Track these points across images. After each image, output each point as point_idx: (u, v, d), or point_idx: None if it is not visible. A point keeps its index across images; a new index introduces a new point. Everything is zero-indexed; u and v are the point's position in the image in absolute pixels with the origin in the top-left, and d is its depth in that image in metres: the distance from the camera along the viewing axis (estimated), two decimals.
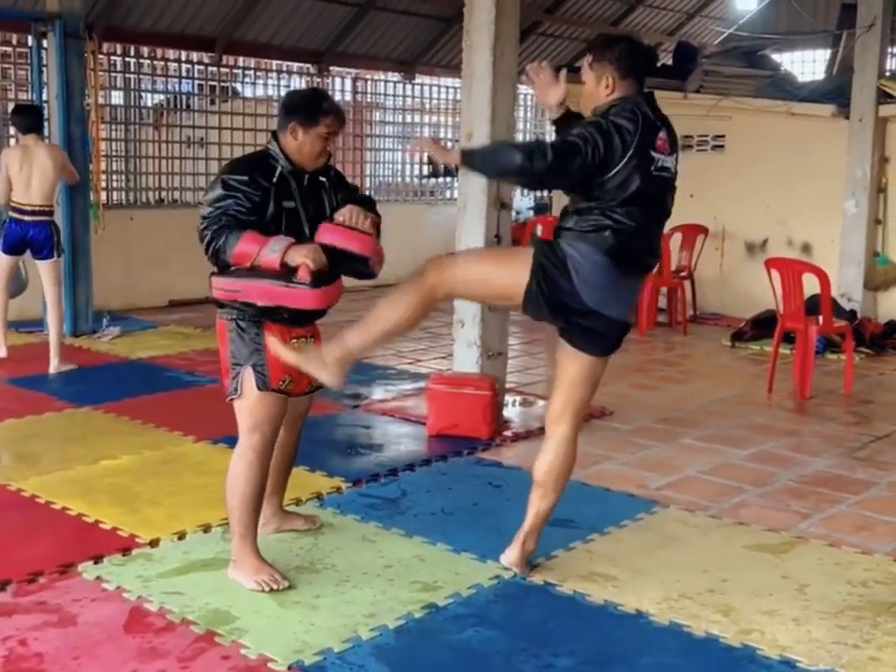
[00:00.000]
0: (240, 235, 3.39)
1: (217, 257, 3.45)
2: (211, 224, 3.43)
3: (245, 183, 3.47)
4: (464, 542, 4.05)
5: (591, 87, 3.55)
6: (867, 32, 8.95)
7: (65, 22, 8.00)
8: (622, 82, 3.49)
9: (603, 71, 3.51)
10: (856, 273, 9.10)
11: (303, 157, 3.61)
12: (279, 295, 3.45)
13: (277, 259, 3.38)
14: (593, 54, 3.56)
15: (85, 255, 8.35)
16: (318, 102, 3.62)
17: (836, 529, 4.36)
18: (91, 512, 4.30)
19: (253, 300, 3.49)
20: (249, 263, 3.40)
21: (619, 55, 3.50)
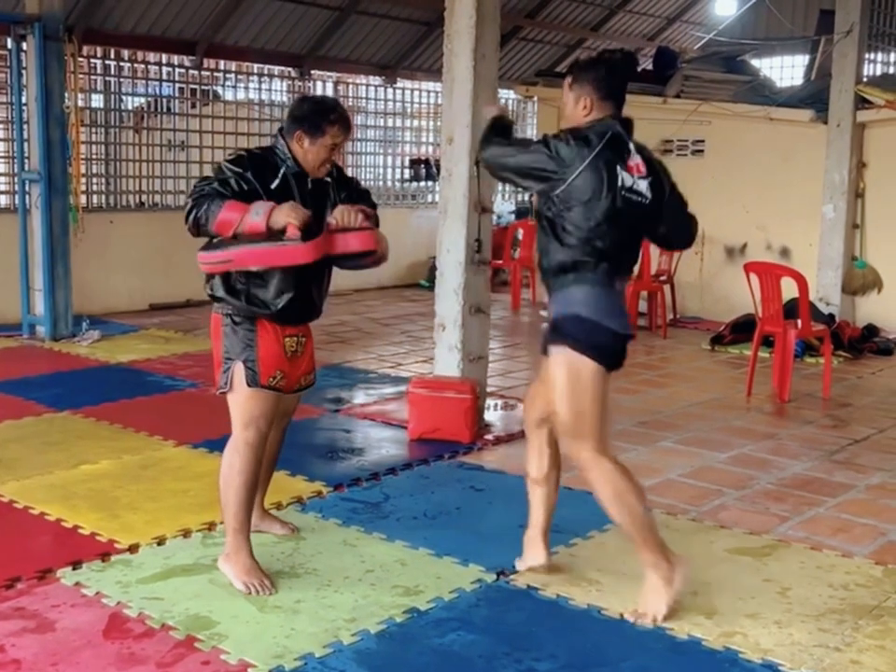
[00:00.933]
0: (222, 203, 3.40)
1: (198, 226, 3.45)
2: (194, 195, 3.45)
3: (238, 174, 3.49)
4: (446, 546, 4.05)
5: (570, 107, 3.58)
6: (845, 38, 9.02)
7: (45, 25, 7.95)
8: (600, 103, 3.51)
9: (581, 92, 3.53)
10: (834, 278, 9.17)
11: (308, 164, 3.62)
12: (273, 255, 3.43)
13: (262, 221, 3.37)
14: (573, 75, 3.58)
15: (64, 258, 8.29)
16: (327, 113, 3.62)
17: (816, 532, 4.39)
18: (69, 518, 4.27)
19: (248, 266, 3.47)
20: (232, 231, 3.40)
21: (598, 77, 3.52)
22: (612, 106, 3.54)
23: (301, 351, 3.75)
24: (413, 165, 13.38)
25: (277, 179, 3.55)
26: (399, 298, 11.44)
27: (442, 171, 5.87)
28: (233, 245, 3.45)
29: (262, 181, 3.52)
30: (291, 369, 3.71)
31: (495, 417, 6.16)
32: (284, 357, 3.66)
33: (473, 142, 5.62)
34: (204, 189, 3.45)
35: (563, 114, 3.63)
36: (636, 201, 3.48)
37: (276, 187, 3.54)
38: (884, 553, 4.17)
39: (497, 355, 7.89)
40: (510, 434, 5.74)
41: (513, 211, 14.26)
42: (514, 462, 5.16)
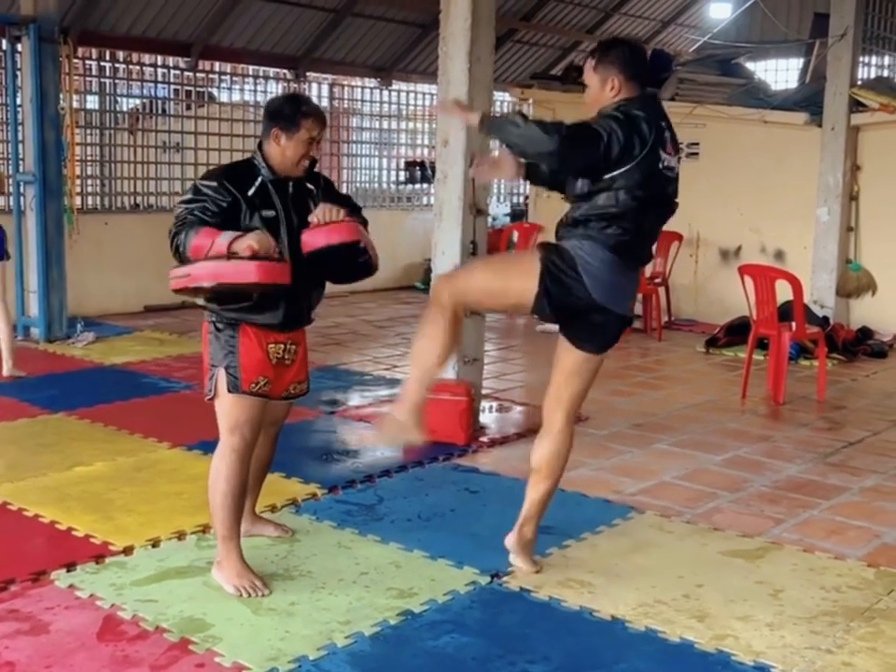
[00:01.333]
0: (198, 231, 3.42)
1: (178, 253, 3.48)
2: (176, 224, 3.48)
3: (214, 189, 3.50)
4: (440, 549, 4.05)
5: (595, 90, 3.59)
6: (839, 41, 9.04)
7: (40, 26, 7.94)
8: (627, 84, 3.54)
9: (608, 73, 3.55)
10: (828, 280, 9.19)
11: (286, 162, 3.61)
12: (224, 272, 3.41)
13: (225, 244, 3.38)
14: (597, 57, 3.59)
15: (59, 260, 8.29)
16: (298, 105, 3.63)
17: (809, 534, 4.40)
18: (64, 520, 4.27)
19: (201, 282, 3.45)
20: (204, 255, 3.42)
21: (624, 57, 3.55)
22: (638, 86, 3.57)
23: (289, 359, 3.73)
24: (409, 167, 13.39)
25: (254, 187, 3.56)
26: (395, 300, 11.44)
27: (438, 173, 5.87)
28: (193, 262, 3.45)
29: (240, 188, 3.53)
30: (277, 375, 3.69)
31: (489, 419, 6.17)
32: (267, 364, 3.64)
33: (468, 144, 5.64)
34: (185, 218, 3.46)
35: (589, 97, 3.63)
36: (669, 176, 3.56)
37: (253, 193, 3.55)
38: (877, 555, 4.18)
39: (493, 357, 7.90)
40: (504, 436, 5.75)
41: (508, 213, 14.28)
42: (509, 464, 5.18)
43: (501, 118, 3.56)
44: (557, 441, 3.78)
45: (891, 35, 10.21)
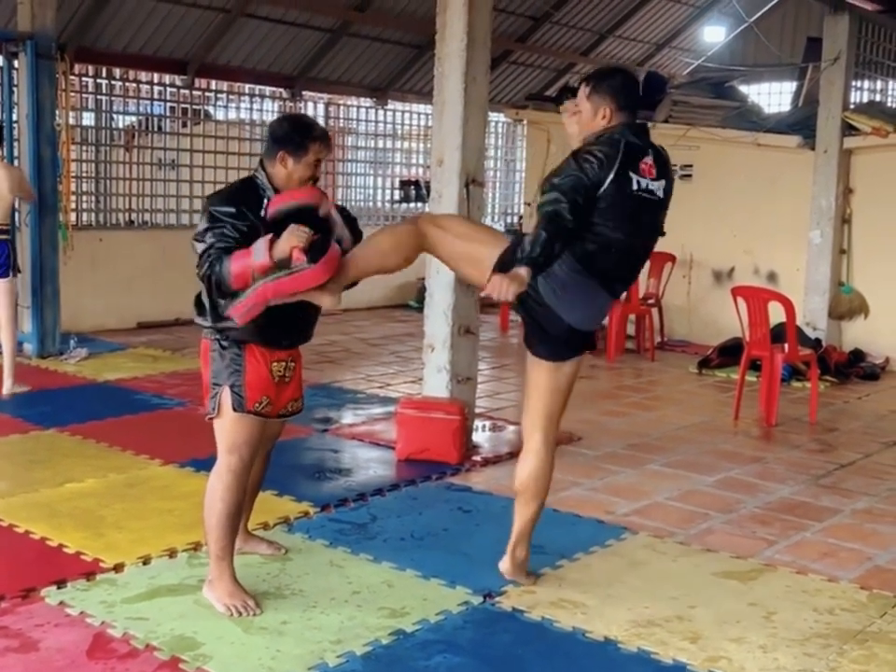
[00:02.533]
0: (229, 261, 3.38)
1: (221, 289, 3.43)
2: (205, 263, 3.42)
3: (232, 215, 3.45)
4: (433, 568, 4.04)
5: (587, 117, 3.65)
6: (832, 65, 9.11)
7: (37, 43, 7.96)
8: (618, 113, 3.61)
9: (601, 103, 3.61)
10: (821, 302, 9.22)
11: (293, 184, 3.59)
12: (288, 285, 3.40)
13: (266, 258, 3.35)
14: (591, 86, 3.65)
15: (53, 276, 8.28)
16: (308, 130, 3.63)
17: (802, 556, 4.40)
18: (54, 536, 4.25)
19: (268, 302, 3.43)
20: (251, 279, 3.38)
21: (617, 88, 3.62)
22: (628, 115, 3.64)
23: (289, 376, 3.74)
24: (404, 186, 13.43)
25: (264, 207, 3.54)
26: (388, 318, 11.45)
27: (432, 192, 5.89)
28: (251, 288, 3.40)
29: (255, 212, 3.50)
30: (278, 394, 3.70)
31: (483, 438, 6.16)
32: (271, 383, 3.64)
33: (463, 164, 5.66)
34: (210, 254, 3.40)
35: (581, 123, 3.68)
36: (647, 198, 3.58)
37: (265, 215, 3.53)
38: (869, 577, 4.18)
39: (486, 376, 7.90)
40: (497, 455, 5.75)
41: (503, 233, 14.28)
42: (502, 484, 5.16)
43: (531, 252, 3.40)
44: (537, 461, 3.80)
45: (884, 59, 10.27)
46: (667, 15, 14.10)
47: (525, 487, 3.82)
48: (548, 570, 4.08)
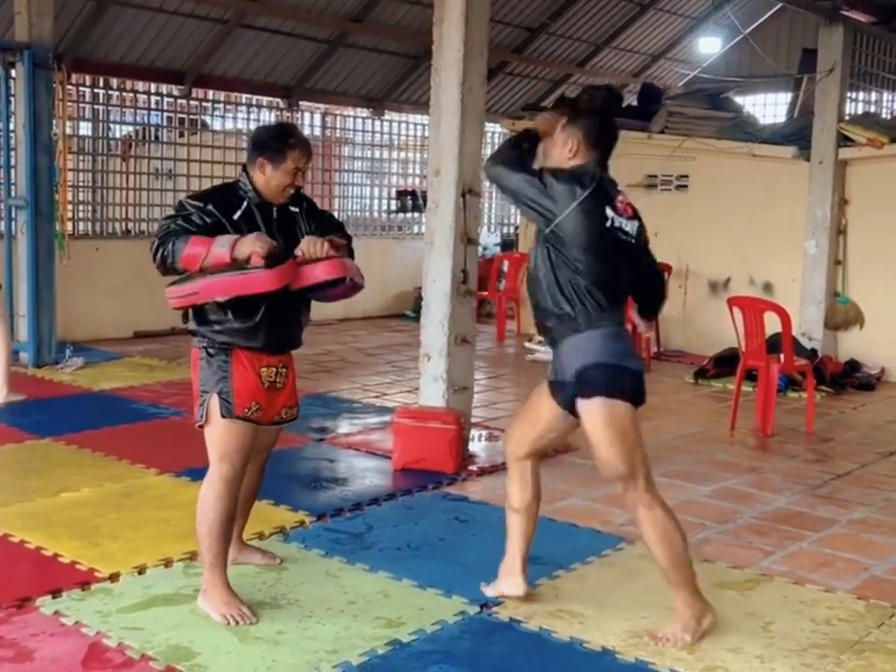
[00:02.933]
0: (187, 239, 3.44)
1: (165, 264, 3.49)
2: (159, 234, 3.50)
3: (199, 208, 3.53)
4: (429, 578, 4.03)
5: (557, 143, 3.62)
6: (827, 76, 9.14)
7: (34, 53, 7.98)
8: (587, 151, 3.57)
9: (572, 135, 3.58)
10: (816, 313, 9.23)
11: (271, 190, 3.63)
12: (237, 284, 3.43)
13: (227, 252, 3.40)
14: (568, 117, 3.61)
15: (49, 285, 8.28)
16: (285, 137, 3.65)
17: (799, 566, 4.40)
18: (50, 546, 4.23)
19: (214, 296, 3.47)
20: (199, 265, 3.43)
21: (592, 126, 3.58)
22: (598, 154, 3.59)
23: (281, 382, 3.74)
24: (400, 196, 13.45)
25: (240, 210, 3.58)
26: (385, 328, 11.45)
27: (429, 202, 5.90)
28: (199, 278, 3.46)
29: (225, 212, 3.55)
30: (268, 400, 3.69)
31: (479, 448, 6.16)
32: (260, 388, 3.64)
33: (460, 174, 5.67)
34: (169, 227, 3.48)
35: (546, 149, 3.65)
36: (623, 239, 3.54)
37: (239, 217, 3.57)
38: (866, 588, 4.18)
39: (482, 386, 7.89)
40: (494, 465, 5.74)
41: (499, 243, 14.33)
42: (498, 493, 5.14)
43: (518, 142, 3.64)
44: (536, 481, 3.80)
45: (878, 71, 10.32)
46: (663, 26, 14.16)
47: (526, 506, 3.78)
48: (545, 580, 4.07)
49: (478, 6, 5.67)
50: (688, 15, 13.99)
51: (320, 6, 10.74)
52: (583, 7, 12.77)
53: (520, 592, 3.80)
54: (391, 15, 11.41)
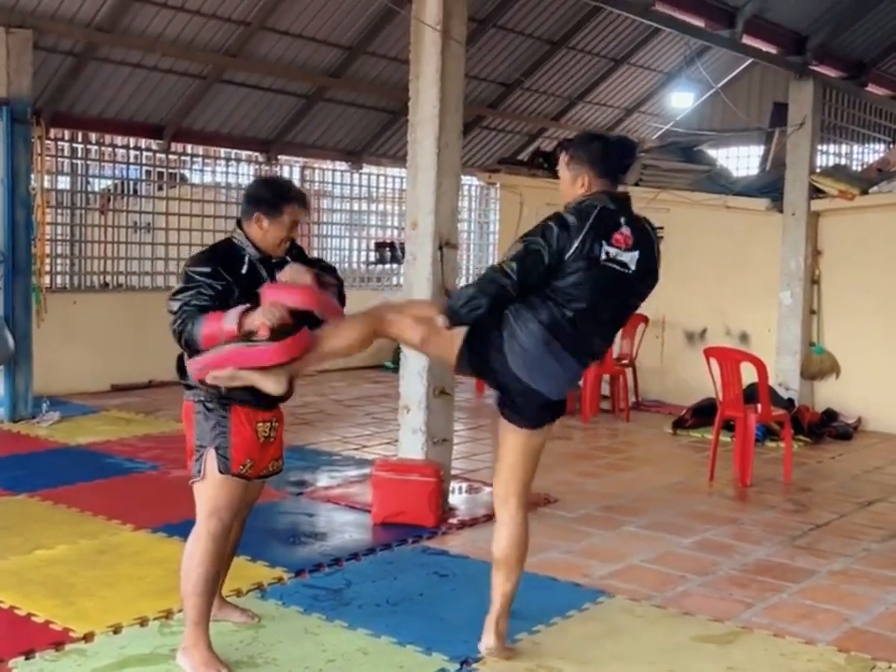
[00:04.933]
0: (202, 320, 3.41)
1: (190, 347, 3.46)
2: (178, 319, 3.45)
3: (208, 275, 3.49)
4: (409, 634, 3.99)
5: (566, 184, 3.67)
6: (798, 130, 9.32)
7: (13, 108, 8.01)
8: (597, 181, 3.62)
9: (580, 171, 3.63)
10: (793, 363, 9.30)
11: (268, 244, 3.65)
12: (244, 356, 3.41)
13: (234, 325, 3.38)
14: (570, 154, 3.66)
15: (26, 338, 8.23)
16: (282, 192, 3.68)
17: (779, 618, 4.38)
18: (23, 605, 4.17)
19: (223, 370, 3.43)
20: (219, 342, 3.40)
21: (595, 155, 3.62)
22: (608, 183, 3.64)
23: (273, 436, 3.74)
24: (379, 248, 13.51)
25: (245, 265, 3.59)
26: (364, 379, 11.43)
27: (407, 254, 5.94)
28: (209, 351, 3.43)
29: (231, 271, 3.54)
30: (262, 455, 3.69)
31: (459, 501, 6.13)
32: (256, 444, 3.64)
33: (437, 227, 5.72)
34: (184, 311, 3.44)
35: (560, 187, 3.72)
36: (619, 270, 3.56)
37: (245, 272, 3.58)
38: (847, 639, 4.17)
39: (462, 437, 7.88)
40: (474, 518, 5.72)
41: None
42: (479, 547, 5.13)
43: (458, 304, 3.51)
44: (516, 527, 3.76)
45: (847, 124, 10.53)
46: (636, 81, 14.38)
47: (506, 558, 3.75)
48: (524, 636, 4.04)
49: (453, 63, 5.76)
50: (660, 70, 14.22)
51: (298, 61, 10.85)
52: (557, 62, 12.96)
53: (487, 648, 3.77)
54: (368, 71, 11.54)
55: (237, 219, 3.74)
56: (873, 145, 11.74)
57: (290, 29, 10.33)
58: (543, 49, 12.57)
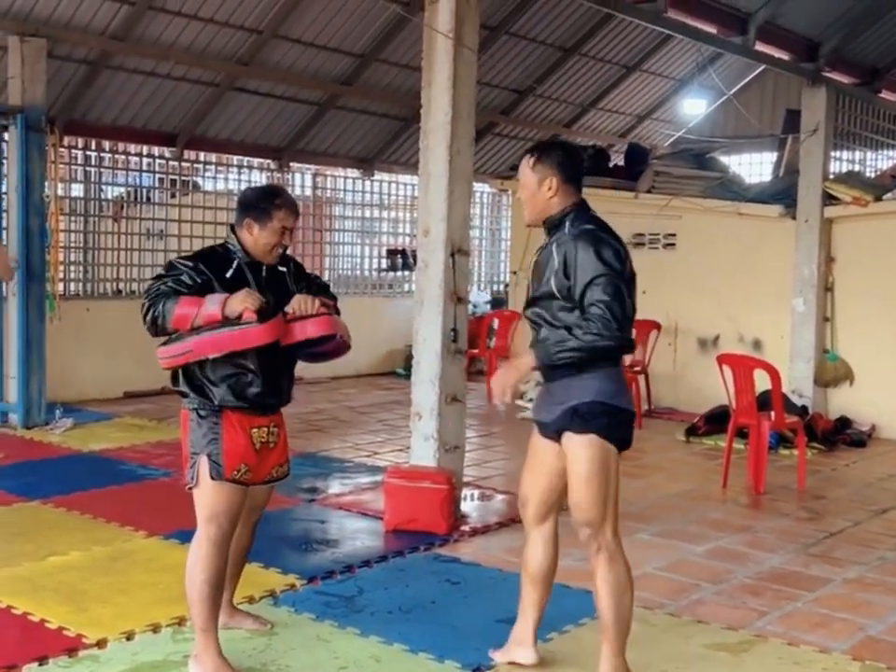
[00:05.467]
0: (177, 300, 3.46)
1: (156, 325, 3.51)
2: (149, 295, 3.52)
3: (190, 267, 3.56)
4: (421, 642, 3.98)
5: (531, 188, 3.59)
6: (811, 136, 9.29)
7: (27, 116, 8.06)
8: (564, 185, 3.56)
9: (546, 174, 3.56)
10: (806, 370, 9.27)
11: (259, 250, 3.67)
12: (230, 339, 3.45)
13: (217, 310, 3.43)
14: (535, 157, 3.61)
15: (39, 346, 8.27)
16: (271, 198, 3.69)
17: (794, 627, 4.36)
18: (37, 611, 4.18)
19: (207, 353, 3.48)
20: (190, 325, 3.45)
21: (561, 160, 3.58)
22: (575, 190, 3.59)
23: (273, 441, 3.74)
24: (391, 255, 13.54)
25: (231, 269, 3.62)
26: (376, 386, 11.44)
27: (419, 262, 5.94)
28: (191, 336, 3.48)
29: (216, 272, 3.58)
30: (260, 461, 3.68)
31: (471, 508, 6.12)
32: (251, 450, 3.64)
33: (449, 234, 5.72)
34: (160, 289, 3.51)
35: (523, 193, 3.63)
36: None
37: (231, 276, 3.61)
38: (862, 648, 4.14)
39: (474, 444, 7.87)
40: (486, 525, 5.71)
41: (489, 301, 14.39)
42: (490, 554, 5.13)
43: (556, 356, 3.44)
44: (554, 544, 3.76)
45: (861, 131, 10.49)
46: (648, 88, 14.37)
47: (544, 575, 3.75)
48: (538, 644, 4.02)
49: (465, 70, 5.76)
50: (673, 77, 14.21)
51: (311, 69, 10.89)
52: (570, 69, 12.97)
53: (532, 661, 3.76)
54: (380, 78, 11.57)
55: (231, 225, 3.76)
56: (886, 151, 11.72)
57: (303, 37, 10.37)
58: (556, 55, 12.58)
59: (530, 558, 3.76)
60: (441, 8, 5.70)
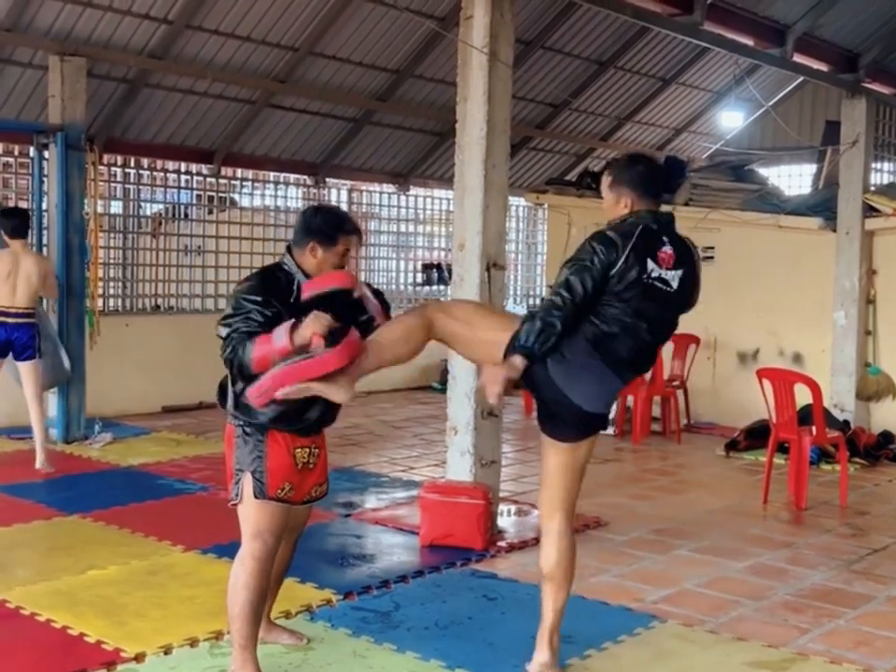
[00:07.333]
0: (252, 343, 3.40)
1: (242, 373, 3.46)
2: (228, 346, 3.45)
3: (258, 302, 3.48)
4: (458, 658, 3.95)
5: (610, 204, 3.73)
6: (851, 148, 9.19)
7: (67, 134, 8.18)
8: (640, 201, 3.66)
9: (622, 193, 3.68)
10: (848, 384, 9.14)
11: (321, 272, 3.63)
12: (304, 369, 3.38)
13: (287, 343, 3.37)
14: (612, 176, 3.72)
15: (79, 361, 8.35)
16: (339, 223, 3.68)
17: (836, 645, 4.28)
18: (76, 625, 4.20)
19: (285, 386, 3.39)
20: (271, 364, 3.39)
21: (637, 177, 3.67)
22: (651, 202, 3.68)
23: (313, 462, 3.73)
24: (426, 270, 13.56)
25: (294, 293, 3.58)
26: (412, 400, 11.44)
27: (454, 276, 5.94)
28: (267, 373, 3.41)
29: (281, 299, 3.53)
30: (301, 480, 3.68)
31: (508, 523, 6.08)
32: (294, 469, 3.63)
33: (484, 248, 5.71)
34: (232, 337, 3.44)
35: (605, 206, 3.78)
36: (661, 288, 3.58)
37: (294, 301, 3.55)
38: None
39: (510, 459, 7.84)
40: (523, 541, 5.67)
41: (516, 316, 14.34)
42: (528, 570, 5.08)
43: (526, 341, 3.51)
44: (563, 542, 3.75)
45: None
46: (685, 101, 14.30)
47: (553, 573, 3.74)
48: (576, 660, 3.98)
49: (500, 85, 5.76)
50: (710, 89, 14.13)
51: (346, 85, 10.95)
52: (606, 83, 12.94)
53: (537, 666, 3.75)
54: (416, 93, 11.61)
55: (288, 245, 3.74)
56: None
57: (338, 54, 10.43)
58: (591, 69, 12.56)
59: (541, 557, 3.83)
60: (476, 24, 5.71)
